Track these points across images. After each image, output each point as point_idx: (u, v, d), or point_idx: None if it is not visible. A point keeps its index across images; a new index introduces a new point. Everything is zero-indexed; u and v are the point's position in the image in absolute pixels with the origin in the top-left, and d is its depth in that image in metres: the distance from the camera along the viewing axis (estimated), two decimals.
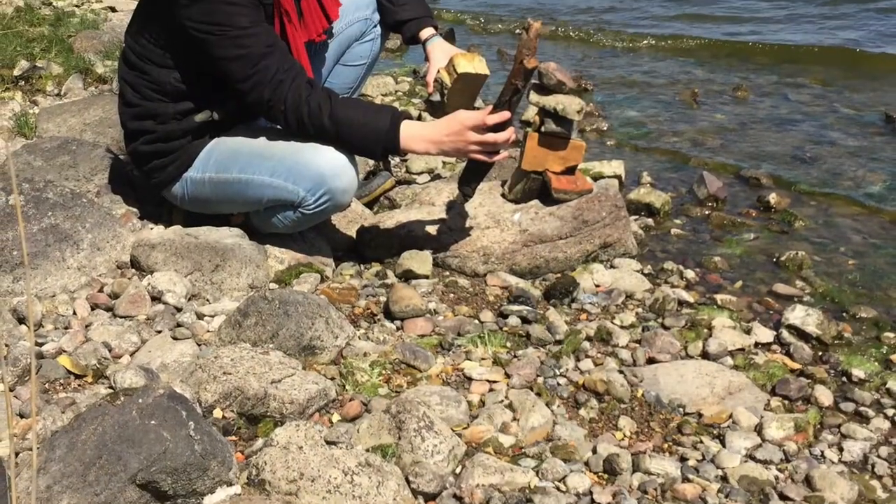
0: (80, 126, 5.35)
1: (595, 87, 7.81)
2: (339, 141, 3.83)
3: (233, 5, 3.72)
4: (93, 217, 4.02)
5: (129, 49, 4.05)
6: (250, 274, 3.87)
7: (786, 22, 10.44)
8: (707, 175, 5.46)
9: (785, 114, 7.07)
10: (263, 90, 3.77)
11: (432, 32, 4.47)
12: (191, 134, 4.06)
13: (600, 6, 11.51)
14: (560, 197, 4.26)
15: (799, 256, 4.55)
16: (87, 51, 7.20)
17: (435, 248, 4.24)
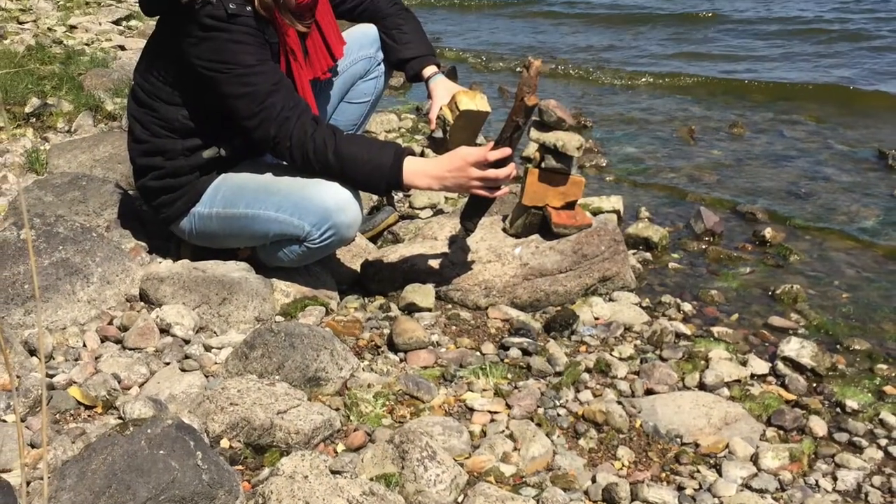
0: (90, 162, 5.37)
1: (594, 123, 7.84)
2: (344, 176, 3.84)
3: (240, 44, 3.75)
4: (102, 251, 4.03)
5: (139, 87, 4.08)
6: (257, 307, 3.88)
7: (781, 60, 10.49)
8: (704, 210, 5.47)
9: (780, 150, 7.09)
10: (269, 127, 3.79)
11: (435, 70, 4.50)
12: (198, 170, 4.08)
13: (599, 45, 11.58)
14: (560, 231, 4.26)
15: (794, 290, 4.56)
16: (97, 88, 7.23)
17: (437, 282, 4.25)
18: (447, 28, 13.02)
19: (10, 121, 6.43)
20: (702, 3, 14.29)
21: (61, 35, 10.07)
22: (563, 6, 14.57)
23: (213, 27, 3.72)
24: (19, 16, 11.07)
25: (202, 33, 3.74)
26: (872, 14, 12.75)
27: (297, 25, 3.97)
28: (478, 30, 12.95)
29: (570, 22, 13.42)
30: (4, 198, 5.09)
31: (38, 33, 9.90)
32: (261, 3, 3.80)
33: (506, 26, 13.27)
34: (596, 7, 14.42)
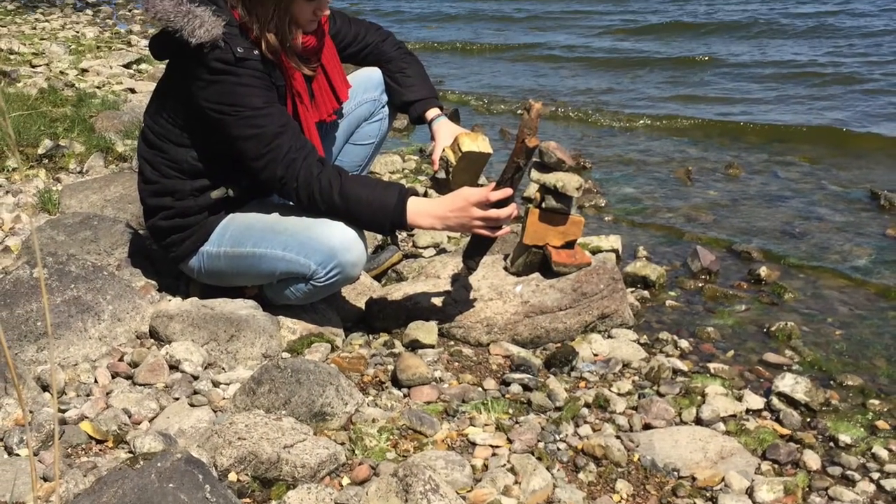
0: (102, 202, 5.38)
1: (593, 164, 7.86)
2: (349, 216, 3.86)
3: (247, 87, 3.78)
4: (113, 289, 4.05)
5: (148, 129, 4.11)
6: (264, 344, 3.89)
7: (776, 103, 10.53)
8: (700, 249, 5.49)
9: (775, 190, 7.11)
10: (276, 168, 3.81)
11: (438, 113, 4.52)
12: (207, 210, 4.10)
13: (598, 88, 11.63)
14: (560, 270, 4.29)
15: (788, 327, 4.58)
16: (107, 130, 7.26)
17: (440, 319, 4.26)
18: (450, 71, 13.08)
19: (23, 162, 6.46)
20: (698, 47, 14.39)
21: (73, 78, 10.13)
22: (563, 50, 14.64)
23: (221, 70, 3.75)
24: (32, 59, 11.14)
25: (210, 76, 3.77)
26: (865, 58, 12.81)
27: (303, 69, 4.01)
28: (480, 73, 13.01)
29: (570, 65, 13.48)
30: (18, 237, 5.12)
31: (51, 76, 9.97)
32: (268, 47, 3.84)
33: (507, 70, 13.32)
34: (595, 51, 14.50)
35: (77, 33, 14.66)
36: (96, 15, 18.18)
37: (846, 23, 16.26)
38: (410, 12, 20.51)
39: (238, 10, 3.84)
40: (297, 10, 3.86)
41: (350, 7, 20.27)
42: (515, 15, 19.43)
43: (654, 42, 15.19)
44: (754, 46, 14.39)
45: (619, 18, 18.18)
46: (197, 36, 3.67)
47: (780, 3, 19.46)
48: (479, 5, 21.46)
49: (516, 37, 16.39)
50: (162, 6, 3.75)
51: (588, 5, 20.68)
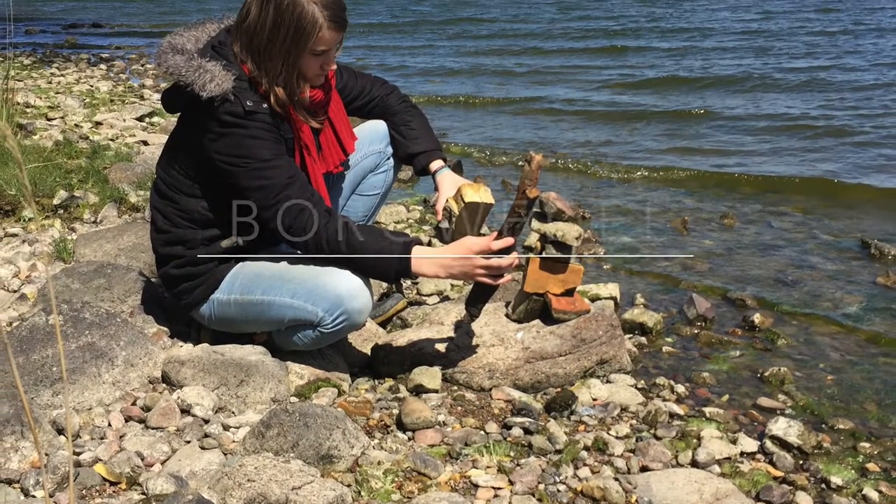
0: (115, 251, 5.41)
1: (592, 215, 7.88)
2: (355, 265, 3.88)
3: (256, 139, 3.82)
4: (126, 336, 4.07)
5: (160, 180, 4.15)
6: (273, 388, 3.91)
7: (769, 154, 10.55)
8: (696, 297, 5.51)
9: (768, 240, 7.14)
10: (285, 218, 3.84)
11: (441, 164, 4.56)
12: (217, 258, 4.14)
13: (597, 140, 11.65)
14: (560, 317, 4.30)
15: (781, 372, 4.59)
16: (121, 181, 7.29)
17: (444, 365, 4.28)
18: (453, 124, 13.11)
19: (39, 212, 6.49)
20: (694, 101, 14.42)
21: (88, 131, 10.18)
22: (563, 103, 14.67)
23: (231, 123, 3.79)
24: (48, 112, 11.20)
25: (221, 129, 3.81)
26: (855, 111, 12.85)
27: (310, 122, 4.05)
28: (482, 126, 13.04)
29: (570, 118, 13.50)
30: (34, 285, 5.14)
31: (66, 129, 10.01)
32: (276, 101, 3.89)
33: (508, 122, 13.35)
34: (594, 104, 14.53)
35: (91, 87, 14.73)
36: (110, 69, 18.26)
37: (837, 77, 16.32)
38: (415, 66, 20.59)
39: (248, 65, 3.89)
40: (304, 64, 3.90)
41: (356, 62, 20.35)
42: (516, 69, 19.48)
43: (651, 96, 15.22)
44: (748, 100, 14.43)
45: (617, 73, 18.23)
46: (208, 90, 3.72)
47: (773, 58, 19.56)
48: (481, 60, 21.55)
49: (517, 90, 16.43)
50: (174, 61, 3.80)
51: (587, 60, 20.78)
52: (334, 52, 3.99)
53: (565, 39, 26.07)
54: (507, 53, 22.92)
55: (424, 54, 23.46)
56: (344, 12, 3.91)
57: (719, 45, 22.70)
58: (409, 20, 35.90)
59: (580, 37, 26.59)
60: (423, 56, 23.02)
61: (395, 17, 38.11)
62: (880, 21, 27.99)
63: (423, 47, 25.32)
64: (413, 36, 29.15)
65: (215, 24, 4.11)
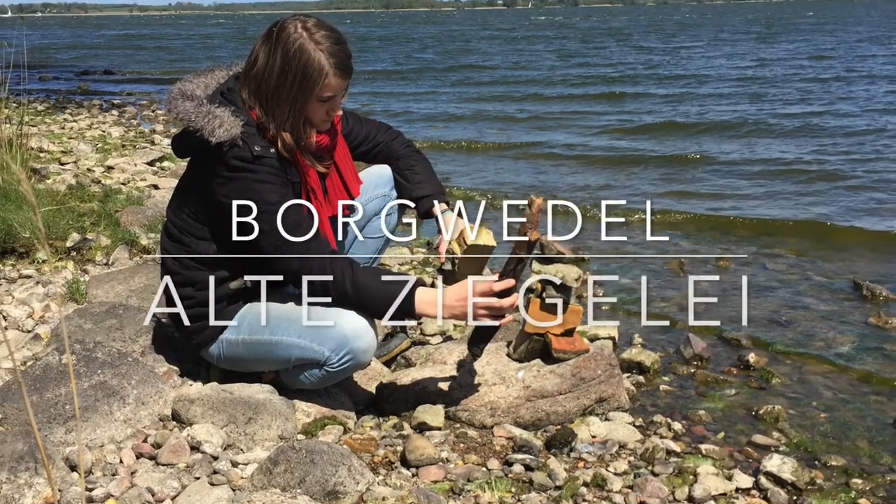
0: (126, 292, 5.43)
1: (591, 257, 7.89)
2: (360, 305, 3.89)
3: (264, 183, 3.83)
4: (138, 374, 4.09)
5: (171, 223, 4.16)
6: (280, 426, 3.92)
7: (764, 198, 10.60)
8: (692, 337, 5.53)
9: (763, 281, 7.15)
10: (291, 260, 3.86)
11: (444, 208, 4.59)
12: (226, 299, 4.13)
13: (596, 184, 11.70)
14: (560, 356, 4.31)
15: (775, 410, 4.60)
16: (132, 224, 7.31)
17: (447, 403, 4.28)
18: (456, 168, 13.14)
19: (52, 254, 6.51)
20: (690, 146, 14.49)
21: (100, 175, 10.22)
22: (563, 148, 14.73)
23: (239, 168, 3.81)
24: (61, 157, 11.25)
25: (229, 174, 3.83)
26: (848, 156, 12.94)
27: (317, 166, 4.06)
28: (484, 170, 13.08)
29: (570, 163, 13.55)
30: (47, 325, 5.16)
31: (79, 174, 10.06)
32: (283, 146, 3.90)
33: (510, 167, 13.39)
34: (593, 149, 14.60)
35: (103, 132, 14.80)
36: (121, 115, 18.35)
37: (830, 123, 16.42)
38: (418, 112, 20.67)
39: (255, 111, 3.91)
40: (311, 110, 3.92)
41: (361, 108, 20.43)
42: (518, 115, 19.56)
43: (648, 141, 15.29)
44: (743, 145, 14.50)
45: (615, 119, 18.32)
46: (217, 135, 3.74)
47: (767, 104, 19.67)
48: (483, 106, 21.63)
49: (518, 136, 16.49)
50: (184, 107, 3.83)
51: (586, 106, 20.88)
52: (340, 99, 4.02)
53: (565, 86, 26.24)
54: (508, 100, 23.03)
55: (428, 100, 23.57)
56: (349, 59, 3.94)
57: (715, 92, 22.85)
58: (412, 67, 36.07)
59: (580, 83, 26.77)
60: (426, 102, 23.13)
61: (400, 64, 38.31)
62: (872, 68, 28.19)
63: (427, 93, 25.45)
64: (417, 82, 29.30)
65: (224, 70, 4.15)
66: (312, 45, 3.82)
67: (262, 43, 3.91)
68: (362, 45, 52.03)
